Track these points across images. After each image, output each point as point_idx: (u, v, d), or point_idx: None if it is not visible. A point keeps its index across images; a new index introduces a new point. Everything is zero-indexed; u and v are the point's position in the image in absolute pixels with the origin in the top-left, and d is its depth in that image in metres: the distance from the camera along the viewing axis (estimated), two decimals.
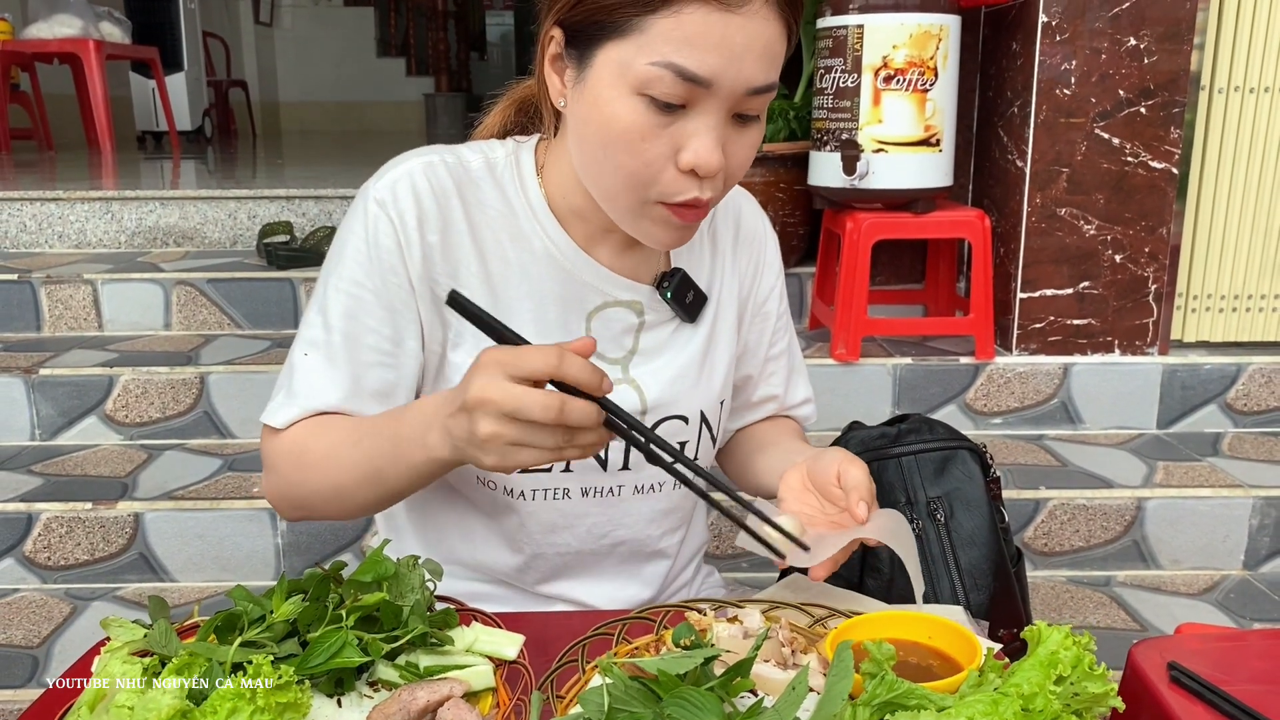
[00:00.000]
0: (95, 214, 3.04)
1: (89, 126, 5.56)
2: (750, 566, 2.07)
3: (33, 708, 0.80)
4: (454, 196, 0.98)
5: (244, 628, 0.81)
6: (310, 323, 0.98)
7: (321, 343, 0.97)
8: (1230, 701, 0.86)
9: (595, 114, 0.87)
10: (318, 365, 0.97)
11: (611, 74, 0.85)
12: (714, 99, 0.84)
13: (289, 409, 0.97)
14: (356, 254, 0.97)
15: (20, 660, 1.75)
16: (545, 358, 0.73)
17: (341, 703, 0.77)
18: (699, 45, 0.82)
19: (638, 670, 0.69)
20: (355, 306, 0.97)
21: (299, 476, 0.97)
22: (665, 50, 0.82)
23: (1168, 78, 2.27)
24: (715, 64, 0.82)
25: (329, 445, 0.95)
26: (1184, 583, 2.05)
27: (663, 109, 0.84)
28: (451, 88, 9.70)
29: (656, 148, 0.86)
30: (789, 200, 2.60)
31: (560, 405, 0.73)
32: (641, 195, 0.89)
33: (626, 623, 0.90)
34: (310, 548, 2.03)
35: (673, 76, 0.82)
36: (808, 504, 0.96)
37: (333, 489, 0.95)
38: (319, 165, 4.41)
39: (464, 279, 0.99)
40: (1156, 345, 2.41)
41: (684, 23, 0.81)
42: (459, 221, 0.98)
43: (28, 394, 2.28)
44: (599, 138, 0.88)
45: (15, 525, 1.98)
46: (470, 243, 0.99)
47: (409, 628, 0.81)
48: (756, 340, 1.18)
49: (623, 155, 0.87)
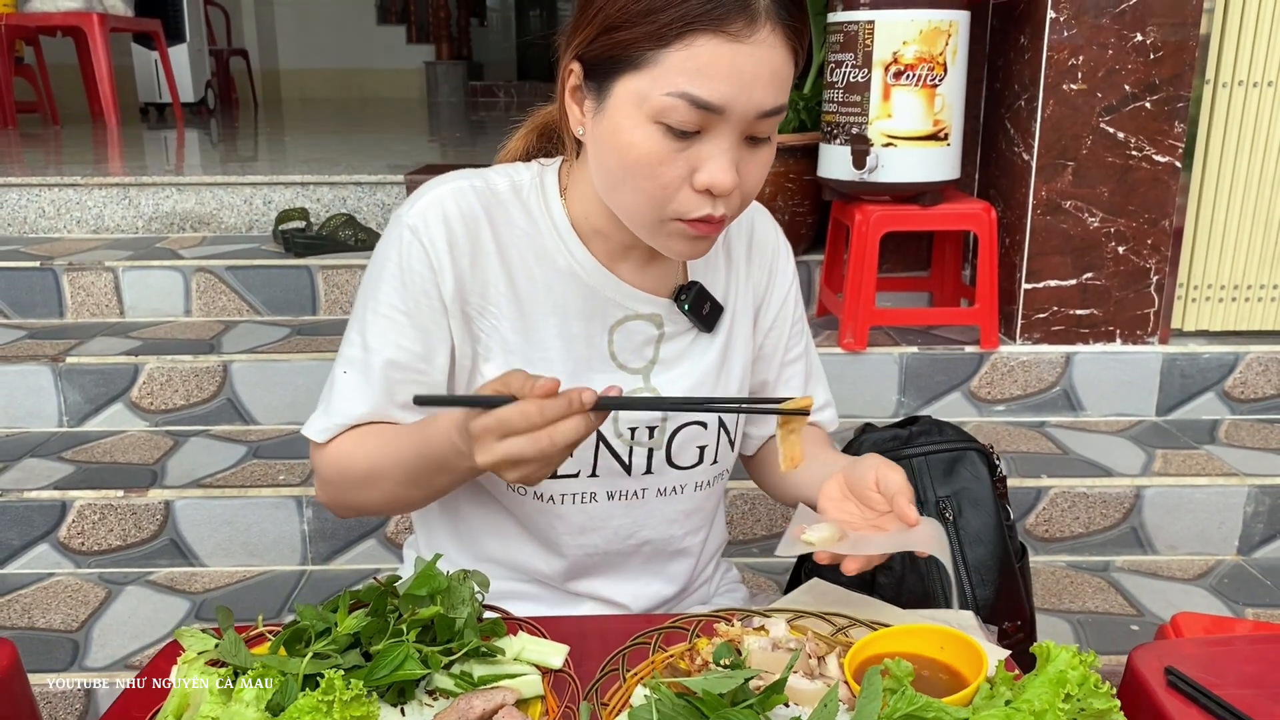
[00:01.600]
0: (113, 199, 3.08)
1: (93, 99, 5.56)
2: (761, 553, 2.14)
3: (112, 709, 0.87)
4: (483, 220, 1.04)
5: (311, 640, 0.87)
6: (350, 341, 1.07)
7: (359, 361, 1.05)
8: (1224, 706, 0.93)
9: (615, 141, 0.94)
10: (355, 382, 1.05)
11: (629, 104, 0.92)
12: (726, 124, 0.90)
13: (324, 423, 1.06)
14: (392, 279, 1.03)
15: (61, 644, 1.82)
16: (526, 418, 0.82)
17: (404, 711, 0.83)
18: (711, 75, 0.88)
19: (682, 687, 0.75)
20: (390, 328, 1.04)
21: (345, 486, 1.07)
22: (679, 81, 0.88)
23: (1172, 72, 2.31)
24: (727, 91, 0.88)
25: (369, 457, 1.03)
26: (1180, 568, 2.13)
27: (678, 135, 0.90)
28: (452, 55, 9.65)
29: (673, 171, 0.92)
30: (798, 190, 2.64)
31: (539, 411, 0.83)
32: (660, 214, 0.95)
33: (662, 632, 0.96)
34: (335, 534, 2.09)
35: (687, 105, 0.88)
36: (848, 511, 1.02)
37: (381, 496, 1.05)
38: (327, 144, 4.42)
39: (493, 297, 1.05)
40: (1157, 334, 2.46)
41: (696, 54, 0.87)
42: (488, 244, 1.04)
43: (55, 382, 2.33)
44: (619, 163, 0.94)
45: (50, 512, 2.04)
46: (498, 263, 1.05)
47: (464, 640, 0.87)
48: (773, 346, 1.23)
49: (641, 179, 0.93)
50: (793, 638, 0.92)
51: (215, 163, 3.86)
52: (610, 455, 1.09)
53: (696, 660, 0.90)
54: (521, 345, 1.06)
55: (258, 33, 8.90)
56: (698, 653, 0.91)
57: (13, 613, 1.91)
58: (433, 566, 0.92)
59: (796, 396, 1.03)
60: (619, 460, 1.09)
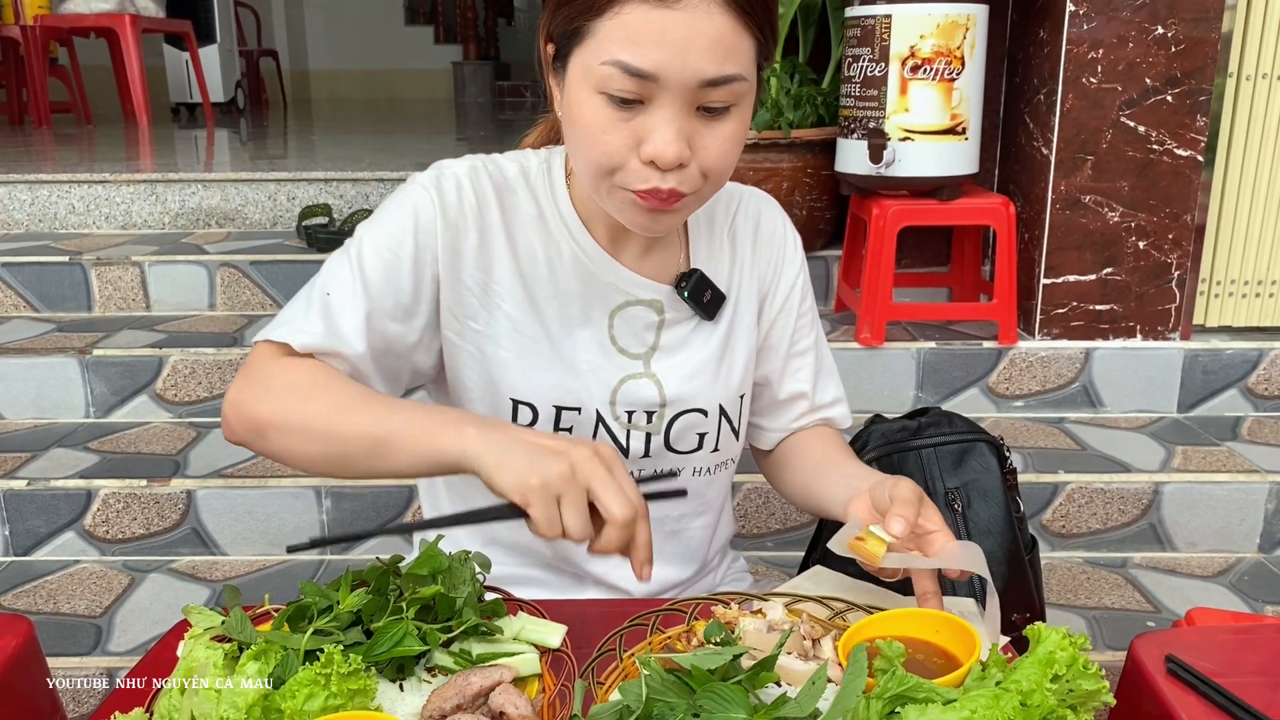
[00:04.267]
0: (140, 196, 3.13)
1: (125, 99, 5.66)
2: (774, 546, 2.15)
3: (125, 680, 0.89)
4: (492, 199, 1.06)
5: (313, 617, 0.88)
6: (339, 263, 1.03)
7: (349, 283, 1.01)
8: (1225, 695, 0.92)
9: (570, 114, 0.96)
10: (346, 302, 1.00)
11: (578, 77, 0.94)
12: (666, 92, 0.90)
13: (311, 335, 0.99)
14: (401, 221, 1.03)
15: (85, 629, 1.86)
16: (623, 509, 0.83)
17: (403, 687, 0.85)
18: (640, 42, 0.88)
19: (673, 664, 0.76)
20: (388, 262, 1.02)
21: (286, 401, 0.95)
22: (612, 49, 0.89)
23: (1194, 66, 2.28)
24: (658, 58, 0.88)
25: (343, 392, 0.95)
26: (1199, 565, 2.11)
27: (620, 104, 0.91)
28: (479, 55, 9.71)
29: (617, 140, 0.93)
30: (815, 185, 2.64)
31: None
32: (607, 182, 0.96)
33: (660, 614, 0.97)
34: (353, 524, 2.12)
35: (620, 73, 0.89)
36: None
37: (320, 432, 0.93)
38: (353, 142, 4.47)
39: (498, 275, 1.06)
40: (1179, 330, 2.44)
41: (625, 22, 0.89)
42: (496, 224, 1.06)
43: (82, 373, 2.38)
44: (573, 135, 0.97)
45: (76, 500, 2.09)
46: (505, 242, 1.06)
47: (463, 618, 0.89)
48: (778, 337, 1.21)
49: (589, 148, 0.95)
50: (789, 620, 0.93)
51: (242, 160, 3.91)
52: (609, 437, 1.10)
53: (693, 642, 0.91)
54: (529, 324, 1.07)
55: (287, 34, 9.01)
56: (695, 634, 0.92)
57: (39, 598, 1.95)
58: (434, 547, 0.93)
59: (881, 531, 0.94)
60: (616, 443, 1.10)
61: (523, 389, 1.07)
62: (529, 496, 0.82)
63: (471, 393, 1.09)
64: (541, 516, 0.82)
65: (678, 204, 0.96)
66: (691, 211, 1.02)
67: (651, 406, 1.11)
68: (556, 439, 0.86)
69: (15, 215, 3.13)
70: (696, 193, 0.96)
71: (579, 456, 0.83)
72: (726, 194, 1.18)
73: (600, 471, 0.83)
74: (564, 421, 1.08)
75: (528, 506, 0.82)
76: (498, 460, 0.84)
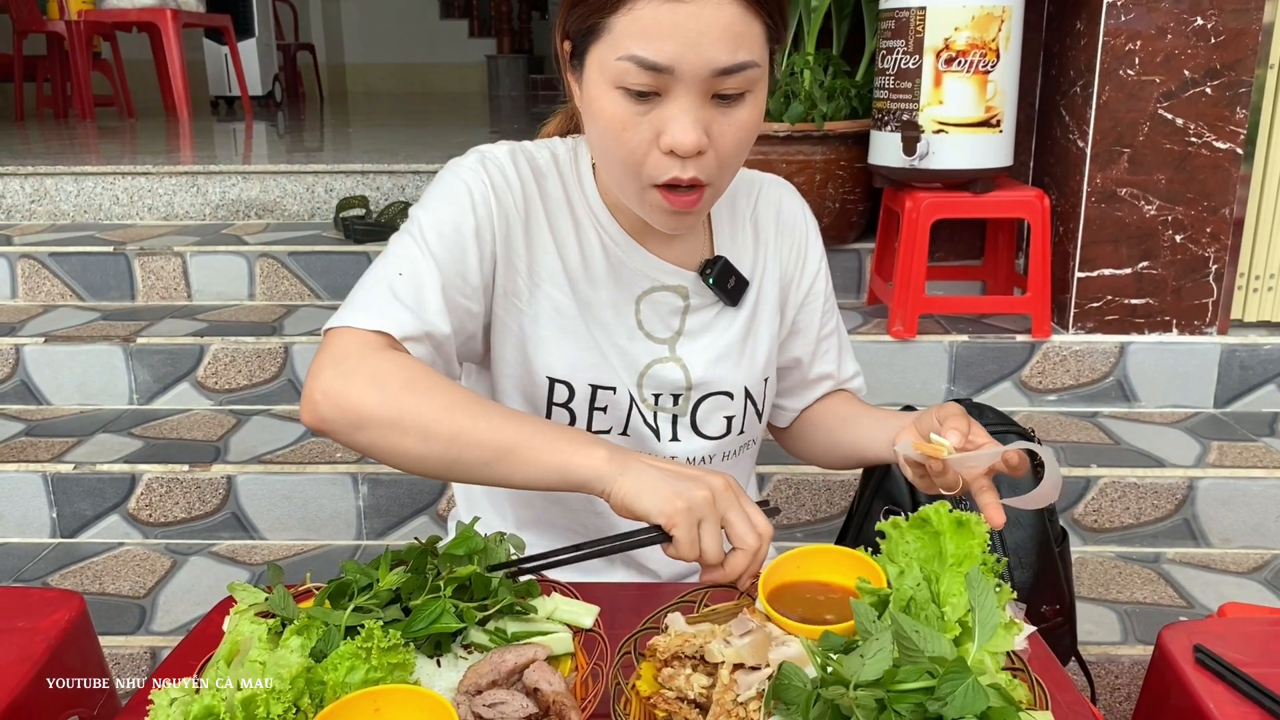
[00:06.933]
0: (182, 188, 3.19)
1: (166, 93, 5.74)
2: (804, 537, 2.15)
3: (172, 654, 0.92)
4: (532, 183, 1.09)
5: (354, 595, 0.91)
6: (404, 245, 1.01)
7: (422, 264, 1.00)
8: (1251, 684, 0.93)
9: (591, 111, 0.98)
10: (425, 282, 0.99)
11: (596, 73, 0.96)
12: (681, 83, 0.92)
13: (401, 322, 0.96)
14: (459, 200, 1.03)
15: (129, 609, 1.91)
16: (754, 539, 0.87)
17: (440, 663, 0.87)
18: (654, 36, 0.90)
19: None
20: (454, 240, 1.02)
21: (401, 398, 0.91)
22: (627, 44, 0.91)
23: (1234, 58, 2.26)
24: (672, 50, 0.90)
25: (457, 394, 0.93)
26: (1233, 561, 2.09)
27: (637, 98, 0.93)
28: (513, 49, 9.76)
29: (639, 135, 0.95)
30: (849, 178, 2.64)
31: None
32: (638, 181, 0.98)
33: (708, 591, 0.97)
34: (389, 510, 2.16)
35: (636, 67, 0.91)
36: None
37: (440, 434, 0.90)
38: (388, 135, 4.52)
39: (540, 255, 1.08)
40: (1216, 325, 2.42)
41: (639, 17, 0.90)
42: (537, 207, 1.08)
43: (126, 361, 2.44)
44: (597, 133, 0.99)
45: (120, 484, 2.14)
46: (546, 224, 1.09)
47: (498, 598, 0.91)
48: (808, 323, 1.24)
49: (613, 146, 0.97)
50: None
51: (280, 153, 3.97)
52: (640, 418, 1.12)
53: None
54: (567, 305, 1.09)
55: (324, 28, 9.10)
56: (744, 609, 0.92)
57: (85, 578, 2.01)
58: (471, 529, 0.95)
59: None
60: (647, 425, 1.12)
61: (560, 368, 1.09)
62: (675, 519, 0.85)
63: (508, 371, 1.11)
64: (685, 539, 0.85)
65: (699, 204, 0.99)
66: (712, 205, 1.04)
67: (678, 389, 1.13)
68: (685, 467, 0.90)
69: (62, 206, 3.21)
70: (713, 184, 0.99)
71: (717, 485, 0.87)
72: (746, 181, 1.20)
73: (734, 500, 0.87)
74: (599, 401, 1.11)
75: (672, 529, 0.85)
76: (636, 485, 0.86)
